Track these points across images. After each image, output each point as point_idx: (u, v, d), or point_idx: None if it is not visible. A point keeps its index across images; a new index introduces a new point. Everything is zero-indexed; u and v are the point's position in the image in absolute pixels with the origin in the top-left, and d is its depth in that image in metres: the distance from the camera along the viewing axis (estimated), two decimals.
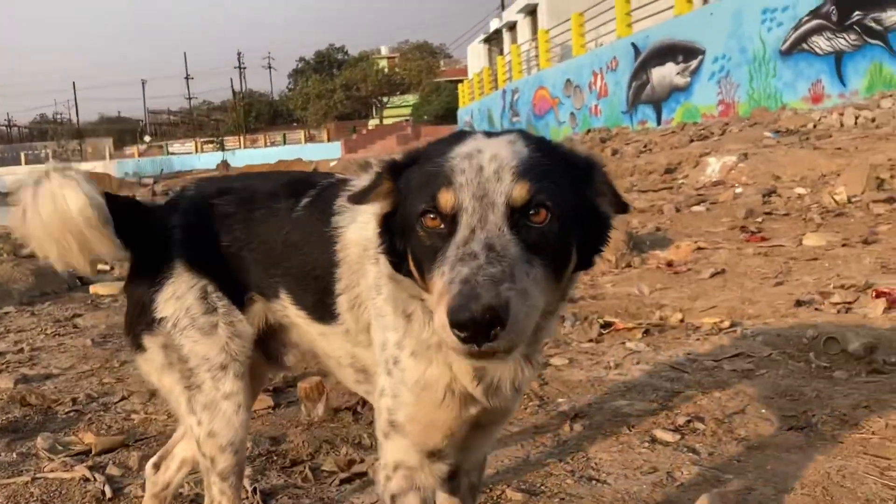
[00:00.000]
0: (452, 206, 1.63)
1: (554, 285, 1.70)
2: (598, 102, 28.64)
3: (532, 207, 1.62)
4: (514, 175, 1.64)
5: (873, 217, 8.47)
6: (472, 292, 1.42)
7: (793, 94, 18.65)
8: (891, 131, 13.02)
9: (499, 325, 1.42)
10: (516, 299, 1.46)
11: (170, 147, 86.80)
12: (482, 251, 1.51)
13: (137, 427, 3.81)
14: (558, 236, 1.65)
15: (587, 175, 1.81)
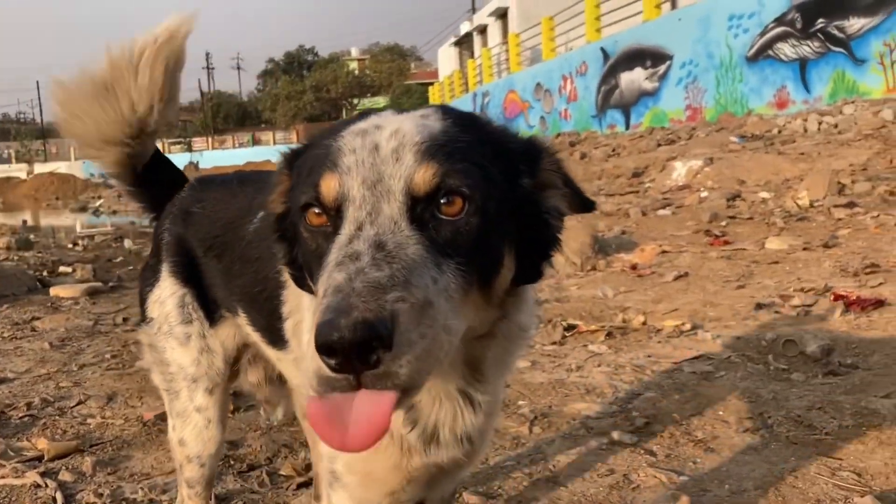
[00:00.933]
0: (336, 196, 1.34)
1: (480, 299, 1.39)
2: (568, 106, 28.82)
3: (442, 196, 1.31)
4: (417, 155, 1.33)
5: (834, 221, 8.61)
6: (343, 304, 1.11)
7: (758, 99, 18.94)
8: (852, 137, 13.26)
9: (381, 348, 1.10)
10: (410, 313, 1.14)
11: None
12: (368, 250, 1.21)
13: (94, 432, 3.75)
14: (480, 234, 1.33)
15: (530, 161, 1.51)
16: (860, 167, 11.49)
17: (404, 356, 1.13)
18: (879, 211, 8.72)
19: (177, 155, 73.87)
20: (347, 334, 1.07)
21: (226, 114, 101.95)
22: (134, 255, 11.51)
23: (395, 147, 1.35)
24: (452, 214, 1.32)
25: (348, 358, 1.10)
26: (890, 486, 2.68)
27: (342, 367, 1.12)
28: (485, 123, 1.55)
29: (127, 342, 5.63)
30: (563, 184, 1.53)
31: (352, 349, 1.09)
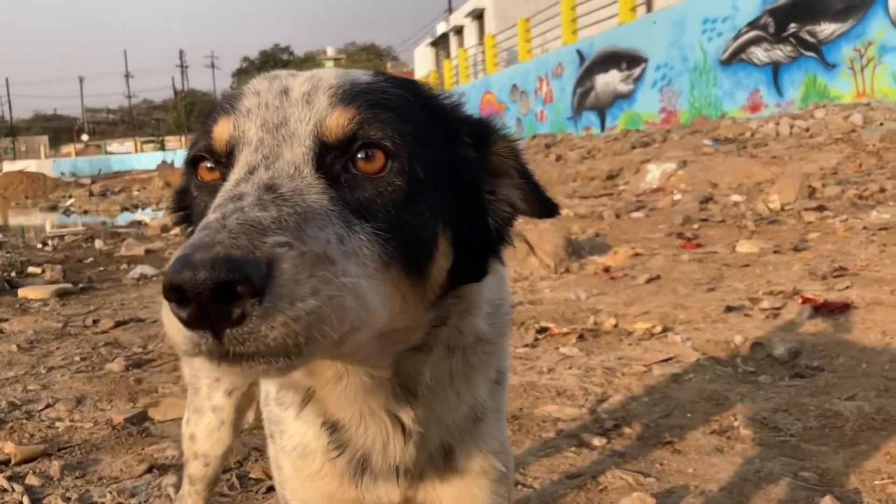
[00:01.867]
0: (229, 139, 1.18)
1: (409, 285, 1.20)
2: (544, 108, 28.94)
3: (360, 147, 1.16)
4: (332, 98, 1.18)
5: (804, 225, 8.73)
6: (205, 240, 0.93)
7: (732, 102, 19.14)
8: (823, 141, 13.45)
9: (249, 297, 0.90)
10: (295, 263, 0.95)
11: (108, 146, 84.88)
12: (254, 191, 1.04)
13: (62, 435, 3.72)
14: (405, 199, 1.17)
15: (477, 137, 1.35)
16: (830, 171, 11.67)
17: (280, 313, 0.92)
18: (848, 214, 8.86)
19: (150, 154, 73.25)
20: (201, 272, 0.88)
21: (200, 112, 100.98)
22: (105, 256, 11.39)
23: (307, 90, 1.20)
24: (371, 172, 1.16)
25: (202, 306, 0.90)
26: (850, 486, 2.74)
27: (195, 319, 0.92)
28: (426, 87, 1.38)
29: (97, 344, 5.57)
30: (519, 175, 1.38)
31: (205, 292, 0.88)
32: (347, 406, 1.38)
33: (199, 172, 1.25)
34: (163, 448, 3.36)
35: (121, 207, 23.12)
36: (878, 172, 11.14)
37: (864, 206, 9.36)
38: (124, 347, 5.45)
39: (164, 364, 4.88)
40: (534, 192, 1.38)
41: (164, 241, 12.88)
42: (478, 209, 1.34)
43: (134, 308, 7.13)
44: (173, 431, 3.65)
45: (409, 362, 1.35)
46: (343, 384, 1.33)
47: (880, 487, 2.69)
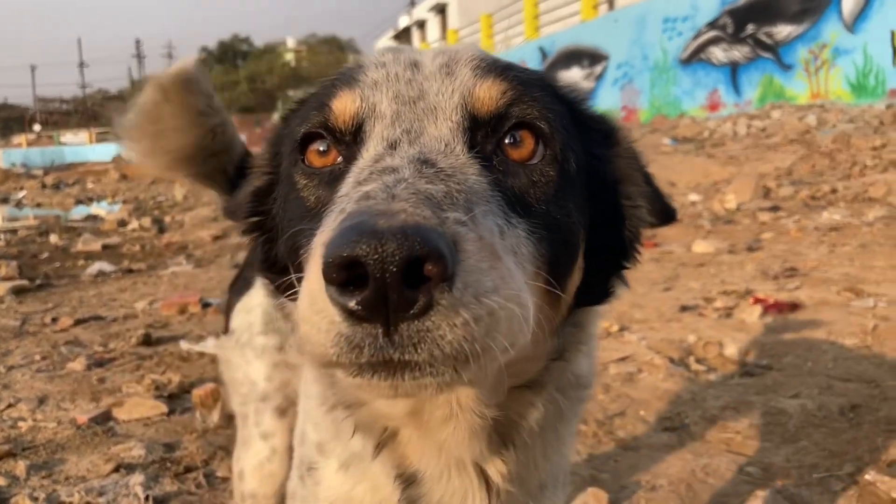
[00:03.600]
0: (356, 111, 1.04)
1: (548, 292, 1.02)
2: None
3: (512, 125, 1.02)
4: (477, 69, 1.06)
5: (758, 225, 8.96)
6: (378, 207, 0.79)
7: (691, 101, 19.45)
8: (779, 142, 13.77)
9: (436, 279, 0.74)
10: (477, 244, 0.81)
11: (61, 137, 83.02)
12: (409, 165, 0.90)
13: (25, 435, 3.72)
14: (558, 193, 1.03)
15: (605, 135, 1.23)
16: (785, 171, 11.96)
17: (465, 308, 0.76)
18: (801, 215, 9.12)
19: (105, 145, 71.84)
20: (390, 241, 0.72)
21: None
22: (61, 252, 11.21)
23: (444, 62, 1.08)
24: (519, 158, 1.02)
25: (382, 288, 0.73)
26: (790, 479, 2.88)
27: (370, 306, 0.74)
28: (551, 77, 1.25)
29: (57, 343, 5.54)
30: (644, 180, 1.24)
31: (393, 269, 0.72)
32: (437, 455, 1.14)
33: (308, 157, 1.07)
34: (129, 447, 3.39)
35: (75, 200, 22.68)
36: (830, 173, 11.46)
37: (815, 206, 9.64)
38: (85, 346, 5.43)
39: (126, 363, 4.88)
40: (658, 199, 1.23)
41: (122, 237, 12.74)
42: (613, 216, 1.19)
43: (93, 306, 7.08)
44: (138, 431, 3.68)
45: (514, 402, 1.13)
46: (451, 426, 1.10)
47: (818, 481, 2.83)
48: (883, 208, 8.90)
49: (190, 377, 4.43)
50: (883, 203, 9.26)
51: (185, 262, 9.68)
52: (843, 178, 11.03)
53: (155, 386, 4.22)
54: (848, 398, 3.49)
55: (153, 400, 3.95)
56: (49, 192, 27.06)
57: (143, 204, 19.11)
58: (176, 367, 4.68)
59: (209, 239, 11.69)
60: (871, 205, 9.25)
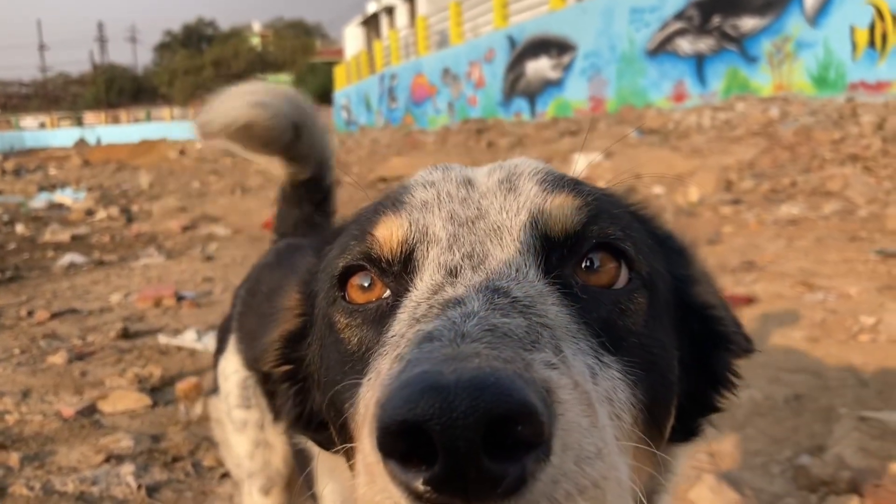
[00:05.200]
0: (403, 238, 0.92)
1: (644, 441, 0.87)
2: (476, 93, 29.18)
3: (592, 247, 0.90)
4: (545, 183, 0.97)
5: (719, 218, 9.23)
6: (444, 351, 0.65)
7: (658, 92, 19.72)
8: (742, 134, 14.09)
9: (529, 442, 0.60)
10: (574, 394, 0.67)
11: (21, 121, 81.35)
12: (476, 294, 0.77)
13: (13, 428, 3.84)
14: (649, 324, 0.90)
15: (685, 259, 1.14)
16: (747, 164, 12.26)
17: (568, 479, 0.62)
18: (760, 208, 9.40)
19: (66, 129, 70.58)
20: (462, 399, 0.57)
21: (120, 88, 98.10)
22: (28, 242, 11.15)
23: (503, 177, 0.98)
24: (602, 284, 0.89)
25: (459, 459, 0.57)
26: (734, 464, 3.10)
27: (443, 483, 0.58)
28: (620, 194, 1.15)
29: (35, 337, 5.62)
30: (724, 308, 1.14)
31: (470, 434, 0.56)
32: None
33: (350, 293, 0.93)
34: (117, 439, 3.53)
35: (38, 187, 22.44)
36: (791, 166, 11.78)
37: (775, 199, 9.94)
38: (63, 340, 5.52)
39: (106, 357, 5.00)
40: (736, 329, 1.12)
41: (90, 227, 12.69)
42: (697, 346, 1.06)
43: (67, 298, 7.13)
44: (124, 423, 3.81)
45: None
46: None
47: (760, 465, 3.06)
48: (839, 202, 9.22)
49: (170, 370, 4.56)
50: (839, 197, 9.58)
51: (157, 253, 9.72)
52: (802, 171, 11.35)
53: (138, 379, 4.34)
54: (793, 389, 3.73)
55: (137, 393, 4.08)
56: (10, 179, 26.68)
57: (109, 192, 18.97)
58: (156, 361, 4.80)
59: (178, 229, 11.72)
60: (828, 198, 9.57)
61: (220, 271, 7.95)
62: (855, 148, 11.83)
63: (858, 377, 3.83)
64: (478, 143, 19.06)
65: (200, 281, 7.49)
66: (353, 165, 18.93)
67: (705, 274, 1.17)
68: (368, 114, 40.27)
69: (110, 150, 37.12)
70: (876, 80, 14.95)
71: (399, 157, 17.21)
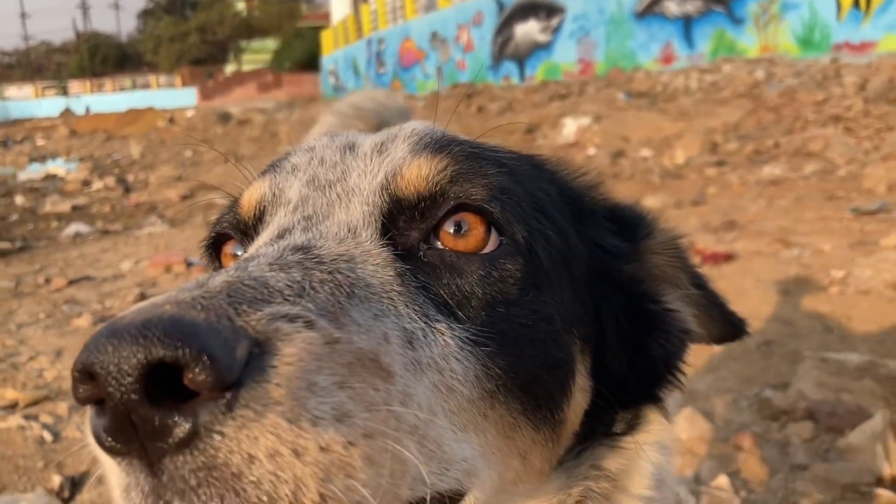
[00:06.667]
0: (259, 199, 0.95)
1: (526, 422, 0.85)
2: (464, 57, 29.19)
3: (450, 209, 0.87)
4: (416, 144, 0.94)
5: (705, 179, 9.55)
6: (154, 300, 0.64)
7: (646, 54, 19.87)
8: (728, 96, 14.35)
9: (204, 390, 0.58)
10: (315, 347, 0.64)
11: (5, 91, 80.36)
12: (269, 252, 0.77)
13: (52, 383, 4.17)
14: (523, 292, 0.85)
15: (628, 231, 1.07)
16: (733, 126, 12.55)
17: (269, 432, 0.60)
18: (744, 170, 9.73)
19: (52, 99, 69.92)
20: (124, 342, 0.57)
21: (104, 56, 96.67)
22: (29, 213, 11.38)
23: (382, 140, 0.97)
24: (467, 249, 0.85)
25: (121, 408, 0.58)
26: (708, 400, 3.45)
27: (112, 432, 0.60)
28: (547, 159, 1.13)
29: (56, 302, 5.94)
30: (692, 282, 1.07)
31: (124, 379, 0.57)
32: None
33: (223, 261, 0.99)
34: None
35: (28, 158, 22.51)
36: (775, 128, 12.08)
37: (758, 161, 10.26)
38: (83, 304, 5.84)
39: None
40: (715, 308, 1.08)
41: (88, 197, 12.90)
42: (634, 325, 1.00)
43: (80, 266, 7.43)
44: None
45: None
46: None
47: (730, 400, 3.43)
48: (819, 162, 9.54)
49: None
50: (820, 157, 9.91)
51: (160, 222, 9.99)
52: (786, 132, 11.65)
53: None
54: (764, 335, 4.09)
55: None
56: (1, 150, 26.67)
57: (101, 162, 19.08)
58: None
59: (176, 198, 11.94)
60: (809, 159, 9.89)
61: None
62: (837, 109, 12.12)
63: (825, 325, 4.19)
64: (468, 107, 19.22)
65: None
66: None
67: (668, 247, 1.07)
68: (357, 79, 40.15)
69: (97, 120, 36.95)
70: (860, 40, 15.17)
71: None
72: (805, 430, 2.96)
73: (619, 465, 1.00)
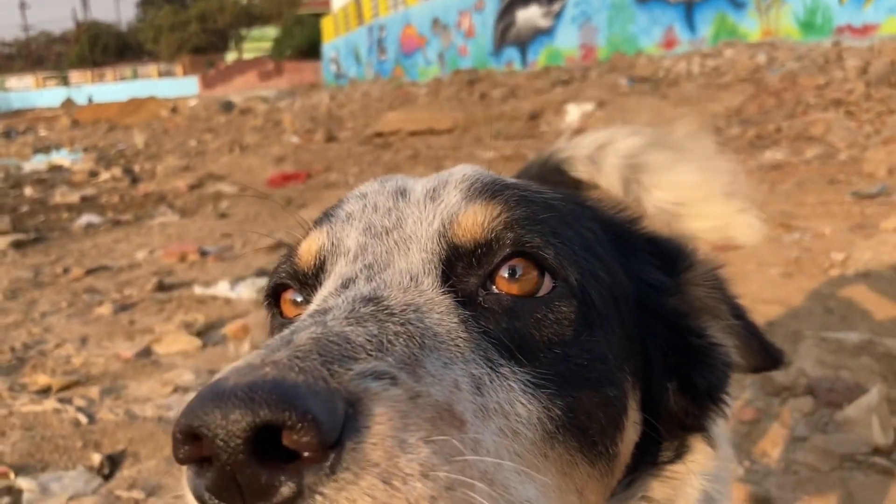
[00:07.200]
0: (318, 250, 0.97)
1: (583, 460, 0.87)
2: (466, 43, 29.18)
3: (506, 255, 0.89)
4: (468, 190, 0.97)
5: None
6: (250, 361, 0.68)
7: (648, 39, 19.89)
8: (730, 81, 14.41)
9: (310, 452, 0.61)
10: (400, 405, 0.67)
11: (6, 82, 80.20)
12: (345, 304, 0.80)
13: (80, 369, 4.33)
14: (578, 333, 0.88)
15: (666, 261, 1.10)
16: (735, 111, 12.63)
17: (371, 492, 0.63)
18: (746, 155, 9.81)
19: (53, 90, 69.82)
20: (232, 406, 0.60)
21: (104, 45, 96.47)
22: (40, 204, 11.50)
23: (433, 187, 0.99)
24: (522, 293, 0.88)
25: (227, 468, 0.61)
26: None
27: (217, 490, 0.62)
28: (590, 197, 1.14)
29: (77, 291, 6.10)
30: (732, 313, 1.10)
31: (234, 441, 0.60)
32: None
33: (283, 308, 1.01)
34: (179, 374, 4.02)
35: (33, 149, 22.60)
36: (776, 112, 12.16)
37: (760, 145, 10.36)
38: (103, 293, 5.99)
39: (149, 307, 5.48)
40: (754, 338, 1.11)
41: (96, 188, 13.00)
42: (678, 359, 1.03)
43: (95, 256, 7.58)
44: (180, 362, 4.30)
45: None
46: None
47: (736, 378, 3.56)
48: (821, 146, 9.64)
49: (211, 317, 5.04)
50: (821, 141, 10.00)
51: (170, 212, 10.12)
52: (787, 117, 11.73)
53: (184, 324, 4.82)
54: (767, 317, 4.23)
55: (187, 335, 4.57)
56: (2, 141, 26.74)
57: (105, 152, 19.17)
58: (196, 309, 5.28)
59: (185, 188, 12.04)
60: (811, 143, 9.99)
61: (237, 227, 8.38)
62: (839, 93, 12.19)
63: (825, 306, 4.33)
64: (470, 94, 19.30)
65: (219, 237, 7.93)
66: (346, 120, 19.17)
67: (708, 279, 1.10)
68: (358, 66, 40.14)
69: (99, 110, 37.00)
70: (862, 23, 15.19)
71: (393, 112, 17.45)
72: (805, 405, 3.12)
73: (667, 494, 1.03)
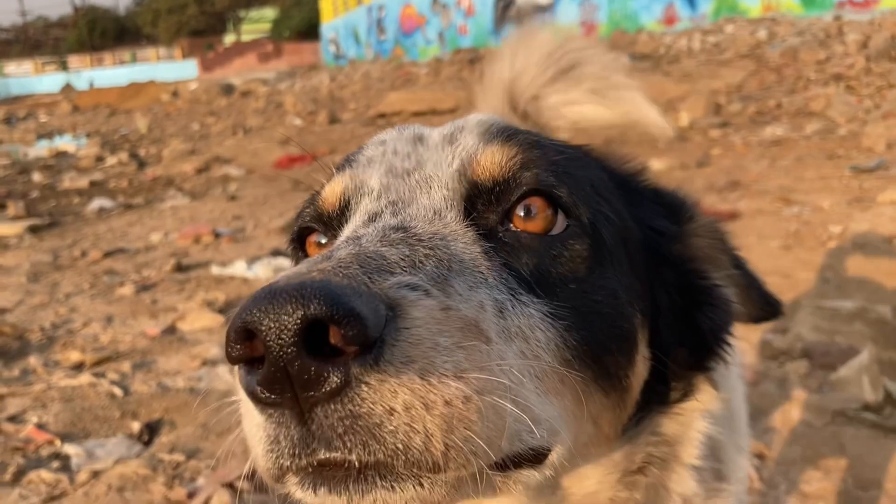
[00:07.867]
0: (341, 193, 1.01)
1: (598, 388, 0.93)
2: (466, 21, 29.11)
3: (523, 193, 0.94)
4: (485, 133, 1.02)
5: (709, 141, 9.78)
6: (298, 269, 0.74)
7: (648, 16, 19.89)
8: (731, 57, 14.48)
9: (353, 345, 0.65)
10: (435, 313, 0.73)
11: (4, 68, 79.80)
12: (376, 232, 0.85)
13: (108, 346, 4.52)
14: (591, 269, 0.94)
15: (671, 210, 1.16)
16: (735, 87, 12.71)
17: (405, 387, 0.68)
18: (747, 131, 9.95)
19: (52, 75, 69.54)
20: (284, 303, 0.64)
21: (102, 29, 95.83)
22: (49, 189, 11.63)
23: (450, 132, 1.04)
24: (537, 230, 0.93)
25: (280, 361, 0.65)
26: None
27: (269, 384, 0.66)
28: (593, 149, 1.19)
29: (97, 273, 6.28)
30: (732, 263, 1.15)
31: (287, 333, 0.64)
32: None
33: (309, 251, 1.05)
34: (206, 348, 4.21)
35: (36, 135, 22.67)
36: (777, 88, 12.26)
37: (761, 121, 10.47)
38: (123, 275, 6.18)
39: (169, 287, 5.66)
40: (753, 287, 1.15)
41: (104, 173, 13.12)
42: (684, 300, 1.08)
43: (110, 239, 7.76)
44: (205, 338, 4.49)
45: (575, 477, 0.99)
46: None
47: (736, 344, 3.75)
48: (821, 122, 9.76)
49: (230, 295, 5.22)
50: (821, 117, 10.12)
51: (180, 195, 10.28)
52: (788, 92, 11.83)
53: (206, 303, 5.01)
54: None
55: (210, 313, 4.75)
56: (3, 128, 26.79)
57: (109, 137, 19.23)
58: (215, 288, 5.46)
59: (192, 172, 12.16)
60: (811, 118, 10.10)
61: (247, 209, 8.56)
62: (839, 67, 12.28)
63: (822, 276, 4.51)
64: (471, 73, 19.31)
65: (230, 219, 8.10)
66: (348, 102, 19.24)
67: (708, 230, 1.17)
68: (357, 47, 40.03)
69: (99, 95, 36.93)
70: None
71: (395, 93, 17.50)
72: (801, 368, 3.30)
73: (675, 430, 1.08)
